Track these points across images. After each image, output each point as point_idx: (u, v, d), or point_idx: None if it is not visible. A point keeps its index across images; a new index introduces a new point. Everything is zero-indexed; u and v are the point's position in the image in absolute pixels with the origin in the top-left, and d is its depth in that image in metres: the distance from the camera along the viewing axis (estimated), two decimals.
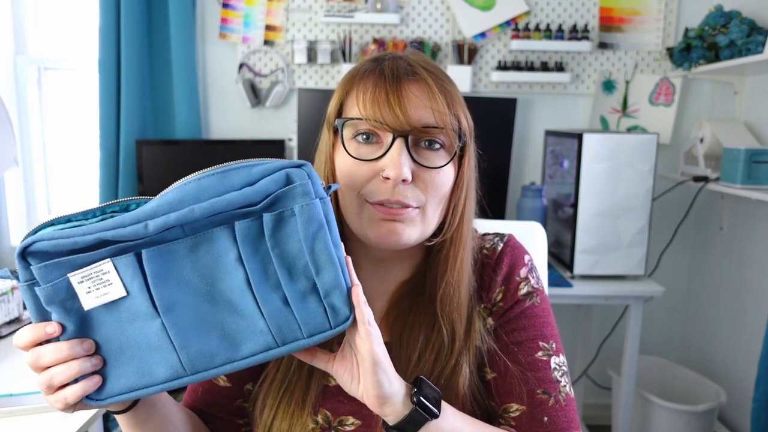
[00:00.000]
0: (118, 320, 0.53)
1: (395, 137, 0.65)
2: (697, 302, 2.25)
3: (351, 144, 0.68)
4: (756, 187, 1.68)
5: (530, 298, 0.75)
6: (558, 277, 1.83)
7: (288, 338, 0.55)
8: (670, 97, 2.17)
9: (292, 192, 0.53)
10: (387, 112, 0.64)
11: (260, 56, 2.18)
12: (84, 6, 2.22)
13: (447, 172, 0.68)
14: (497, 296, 0.75)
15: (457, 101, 0.69)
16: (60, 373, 0.52)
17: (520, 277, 0.76)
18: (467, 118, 0.70)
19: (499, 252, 0.77)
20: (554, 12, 2.15)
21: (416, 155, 0.66)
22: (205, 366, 0.55)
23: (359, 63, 0.72)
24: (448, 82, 0.69)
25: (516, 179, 2.21)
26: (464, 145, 0.70)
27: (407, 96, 0.65)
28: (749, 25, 1.79)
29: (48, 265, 0.50)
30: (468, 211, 0.72)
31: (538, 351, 0.72)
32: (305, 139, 2.00)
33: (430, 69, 0.69)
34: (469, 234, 0.73)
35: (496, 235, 0.80)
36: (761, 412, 1.58)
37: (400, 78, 0.66)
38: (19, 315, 1.34)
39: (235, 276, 0.54)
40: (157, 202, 0.52)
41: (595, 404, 2.35)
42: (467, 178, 0.71)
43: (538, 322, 0.74)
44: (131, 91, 2.05)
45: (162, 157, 2.05)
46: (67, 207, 2.40)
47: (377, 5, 2.07)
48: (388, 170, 0.64)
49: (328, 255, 0.54)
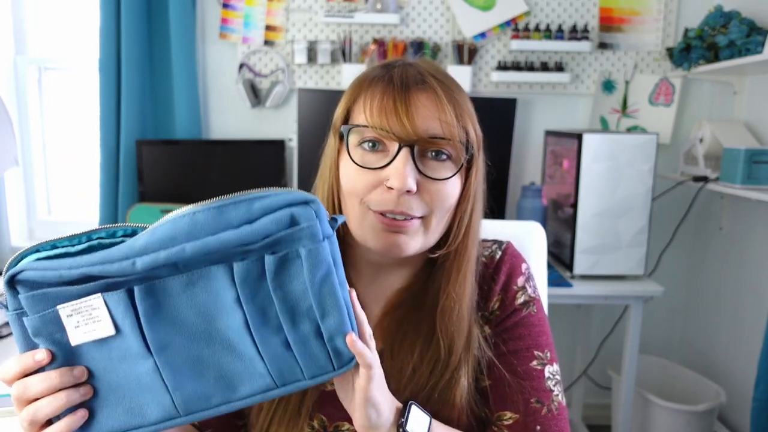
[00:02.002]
0: (108, 357, 0.50)
1: (401, 147, 0.64)
2: (697, 302, 2.25)
3: (356, 151, 0.67)
4: (756, 187, 1.68)
5: (527, 308, 0.75)
6: (558, 277, 1.83)
7: (288, 380, 0.53)
8: (669, 97, 2.17)
9: (298, 234, 0.49)
10: (394, 120, 0.64)
11: (260, 56, 2.18)
12: (84, 6, 2.22)
13: (453, 184, 0.67)
14: (495, 305, 0.75)
15: (466, 112, 0.68)
16: (45, 406, 0.49)
17: (518, 286, 0.76)
18: (476, 129, 0.69)
19: (498, 260, 0.77)
20: (554, 12, 2.15)
21: (422, 166, 0.65)
22: (199, 407, 0.52)
23: (368, 69, 0.71)
24: (458, 92, 0.68)
25: (516, 179, 2.21)
26: (472, 157, 0.69)
27: (415, 105, 0.64)
28: (749, 26, 1.79)
29: (36, 295, 0.48)
30: (474, 223, 0.72)
31: (533, 360, 0.73)
32: (305, 139, 2.00)
33: (440, 78, 0.68)
34: (474, 247, 0.73)
35: (495, 243, 0.80)
36: (761, 412, 1.58)
37: (408, 86, 0.65)
38: None
39: (233, 317, 0.51)
40: (147, 238, 0.48)
41: (595, 404, 2.35)
42: (474, 190, 0.70)
43: (534, 331, 0.74)
44: (131, 91, 2.05)
45: (162, 158, 2.05)
46: (66, 207, 2.40)
47: (377, 5, 2.08)
48: (392, 180, 0.63)
49: (334, 298, 0.51)
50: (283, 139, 2.16)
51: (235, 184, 2.10)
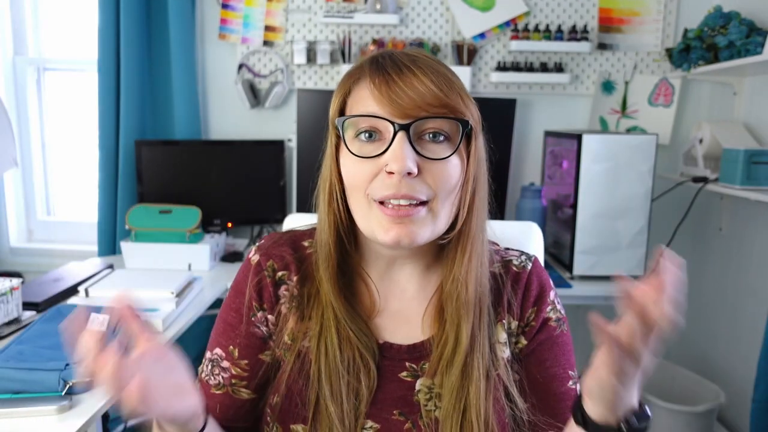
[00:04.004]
0: None
1: (396, 131, 0.63)
2: (697, 302, 2.25)
3: (354, 143, 0.66)
4: (755, 187, 1.68)
5: (560, 326, 0.77)
6: (557, 278, 1.83)
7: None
8: (669, 97, 2.17)
9: None
10: (386, 104, 0.63)
11: (260, 57, 2.18)
12: (83, 6, 2.22)
13: (454, 164, 0.66)
14: (530, 315, 0.75)
15: (458, 89, 0.66)
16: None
17: (550, 299, 0.77)
18: (471, 106, 0.68)
19: (530, 272, 0.77)
20: (554, 13, 2.15)
21: (420, 148, 0.64)
22: None
23: (358, 61, 0.71)
24: (449, 72, 0.67)
25: (515, 180, 2.21)
26: (470, 135, 0.67)
27: (406, 86, 0.63)
28: (748, 26, 1.79)
29: None
30: (478, 204, 0.70)
31: (569, 381, 0.75)
32: (304, 139, 2.00)
33: (429, 60, 0.67)
34: (479, 228, 0.71)
35: (522, 253, 0.80)
36: (760, 413, 1.58)
37: (399, 69, 0.64)
38: (18, 315, 1.33)
39: None
40: None
41: None
42: (474, 169, 0.69)
43: (567, 350, 0.77)
44: (131, 91, 2.05)
45: (161, 158, 2.05)
46: (65, 208, 2.40)
47: (377, 6, 2.07)
48: (391, 164, 0.62)
49: None
50: (282, 139, 2.16)
51: (234, 184, 2.10)
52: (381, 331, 0.74)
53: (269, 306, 0.74)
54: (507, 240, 0.93)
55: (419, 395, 0.71)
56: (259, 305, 0.74)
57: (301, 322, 0.73)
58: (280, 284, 0.75)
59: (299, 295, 0.73)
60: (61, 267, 1.77)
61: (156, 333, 0.57)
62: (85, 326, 0.52)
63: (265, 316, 0.74)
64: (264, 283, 0.74)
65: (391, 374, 0.72)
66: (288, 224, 1.03)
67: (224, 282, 1.73)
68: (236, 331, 0.74)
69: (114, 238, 2.12)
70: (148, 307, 1.37)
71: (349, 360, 0.70)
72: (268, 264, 0.75)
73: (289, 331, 0.73)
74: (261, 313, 0.74)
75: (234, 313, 0.75)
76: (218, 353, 0.75)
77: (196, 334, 2.17)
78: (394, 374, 0.72)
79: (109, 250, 2.12)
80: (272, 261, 0.75)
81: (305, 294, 0.73)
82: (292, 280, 0.74)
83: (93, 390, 1.02)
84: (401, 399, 0.71)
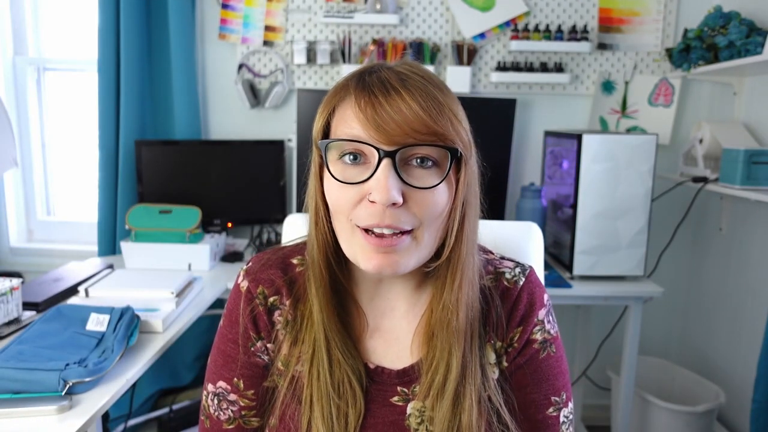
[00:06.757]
0: None
1: (381, 157, 0.59)
2: (697, 303, 2.25)
3: (337, 165, 0.63)
4: (755, 187, 1.68)
5: (544, 348, 0.73)
6: (557, 278, 1.83)
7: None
8: (669, 97, 2.17)
9: None
10: (371, 129, 0.59)
11: (260, 57, 2.18)
12: (83, 6, 2.22)
13: (441, 191, 0.62)
14: (514, 336, 0.73)
15: (450, 113, 0.62)
16: None
17: (538, 318, 0.73)
18: (463, 131, 0.64)
19: (520, 289, 0.74)
20: (553, 13, 2.15)
21: (406, 175, 0.61)
22: None
23: (344, 78, 0.66)
24: (441, 94, 0.63)
25: (515, 180, 2.21)
26: (460, 161, 0.64)
27: (393, 111, 0.59)
28: (748, 26, 1.79)
29: None
30: (467, 230, 0.67)
31: (549, 407, 0.73)
32: (305, 139, 2.00)
33: (420, 80, 0.62)
34: (470, 254, 0.68)
35: (517, 265, 0.76)
36: (760, 413, 1.58)
37: (387, 91, 0.60)
38: (18, 315, 1.33)
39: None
40: None
41: (594, 405, 2.35)
42: (463, 193, 0.65)
43: (552, 374, 0.74)
44: (130, 91, 2.05)
45: (161, 158, 2.05)
46: (65, 208, 2.40)
47: (377, 6, 2.07)
48: (374, 194, 0.59)
49: None
50: (282, 139, 2.16)
51: (234, 184, 2.10)
52: (371, 354, 0.73)
53: (266, 334, 0.74)
54: (507, 240, 0.92)
55: (410, 419, 0.70)
56: (256, 335, 0.74)
57: (294, 346, 0.72)
58: (273, 310, 0.74)
59: (293, 318, 0.73)
60: (61, 267, 1.77)
61: None
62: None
63: (264, 345, 0.74)
64: (257, 312, 0.73)
65: (382, 399, 0.71)
66: (288, 224, 1.03)
67: (224, 282, 1.74)
68: (237, 362, 0.74)
69: (114, 238, 2.12)
70: (148, 307, 1.37)
71: (339, 383, 0.69)
72: (258, 291, 0.74)
73: (282, 358, 0.73)
74: (260, 343, 0.74)
75: (232, 345, 0.74)
76: (222, 386, 0.75)
77: (196, 334, 2.18)
78: (386, 399, 0.71)
79: (109, 250, 2.12)
80: (262, 287, 0.74)
81: (298, 315, 0.72)
82: (285, 304, 0.73)
83: (93, 390, 1.03)
84: (392, 424, 0.70)
